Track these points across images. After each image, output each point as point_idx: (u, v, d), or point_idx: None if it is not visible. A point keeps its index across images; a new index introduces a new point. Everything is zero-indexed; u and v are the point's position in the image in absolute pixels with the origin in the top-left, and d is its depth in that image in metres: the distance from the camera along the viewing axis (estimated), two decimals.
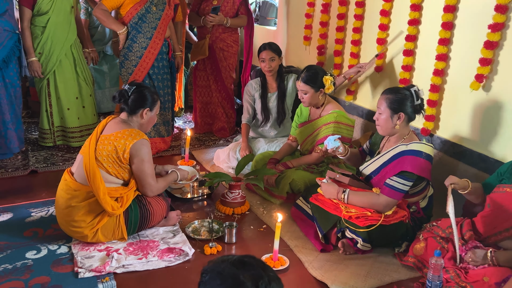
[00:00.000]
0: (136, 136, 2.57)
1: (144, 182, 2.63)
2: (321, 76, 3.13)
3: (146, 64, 3.83)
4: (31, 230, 2.77)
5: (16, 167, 3.68)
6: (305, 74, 3.12)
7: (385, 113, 2.57)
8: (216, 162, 3.85)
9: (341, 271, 2.42)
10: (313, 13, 4.33)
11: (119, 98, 2.65)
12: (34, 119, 4.85)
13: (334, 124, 3.13)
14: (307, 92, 3.13)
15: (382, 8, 3.46)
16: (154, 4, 3.79)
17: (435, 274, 2.13)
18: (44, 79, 3.86)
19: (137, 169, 2.60)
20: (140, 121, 2.69)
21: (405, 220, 2.53)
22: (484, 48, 2.72)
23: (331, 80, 3.11)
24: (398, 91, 2.59)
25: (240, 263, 1.19)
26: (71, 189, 2.57)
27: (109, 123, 2.66)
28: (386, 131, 2.62)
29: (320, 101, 3.21)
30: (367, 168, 2.73)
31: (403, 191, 2.49)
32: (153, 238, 2.69)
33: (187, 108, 5.35)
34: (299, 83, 3.14)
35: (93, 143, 2.57)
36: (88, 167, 2.51)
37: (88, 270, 2.37)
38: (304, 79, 3.12)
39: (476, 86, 2.80)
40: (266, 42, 3.80)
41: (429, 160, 2.53)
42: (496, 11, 2.65)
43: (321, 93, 3.15)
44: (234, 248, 2.67)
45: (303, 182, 3.09)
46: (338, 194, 2.59)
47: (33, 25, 3.75)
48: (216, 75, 4.42)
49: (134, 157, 2.57)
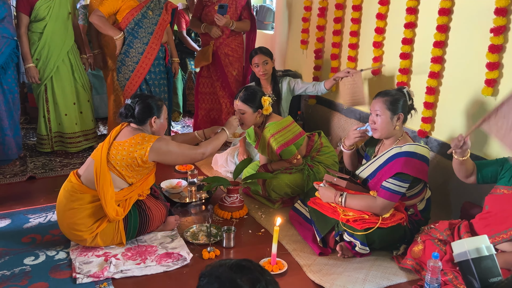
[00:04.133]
0: (151, 139, 2.59)
1: (189, 159, 2.73)
2: (259, 96, 3.12)
3: (143, 70, 3.84)
4: (29, 236, 2.77)
5: (14, 173, 3.68)
6: (243, 93, 3.11)
7: (385, 115, 2.56)
8: (214, 166, 3.86)
9: (339, 275, 2.42)
10: (310, 17, 4.35)
11: (126, 113, 2.66)
12: (32, 125, 4.86)
13: (273, 138, 3.14)
14: (245, 112, 3.11)
15: (378, 11, 3.48)
16: (151, 9, 3.80)
17: (433, 277, 2.13)
18: (42, 85, 3.87)
19: (171, 161, 2.69)
20: (151, 130, 2.70)
21: (403, 223, 2.53)
22: (489, 52, 2.70)
23: (269, 101, 3.11)
24: (394, 92, 2.60)
25: (237, 267, 1.19)
26: (76, 191, 2.57)
27: (123, 130, 2.68)
28: (385, 133, 2.61)
29: (259, 121, 3.21)
30: (363, 171, 2.74)
31: (399, 193, 2.50)
32: (151, 243, 2.69)
33: (185, 113, 5.35)
34: (237, 102, 3.12)
35: (106, 148, 2.59)
36: (99, 171, 2.52)
37: (86, 275, 2.37)
38: (242, 98, 3.10)
39: (488, 92, 2.72)
40: (256, 47, 3.81)
41: (425, 162, 2.53)
42: (497, 15, 2.64)
43: (259, 113, 3.14)
44: (232, 252, 2.67)
45: (285, 184, 3.12)
46: (335, 198, 2.60)
47: (30, 31, 3.76)
48: (223, 81, 4.35)
49: (160, 155, 2.59)
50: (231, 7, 4.20)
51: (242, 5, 4.25)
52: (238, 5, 4.24)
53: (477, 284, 1.43)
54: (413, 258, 2.44)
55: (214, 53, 4.29)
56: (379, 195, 2.52)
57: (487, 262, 1.45)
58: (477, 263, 1.45)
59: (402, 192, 2.51)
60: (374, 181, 2.64)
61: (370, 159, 2.75)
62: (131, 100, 2.68)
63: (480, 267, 1.44)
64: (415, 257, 2.43)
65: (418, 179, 2.55)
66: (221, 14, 4.07)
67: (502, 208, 2.28)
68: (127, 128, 2.68)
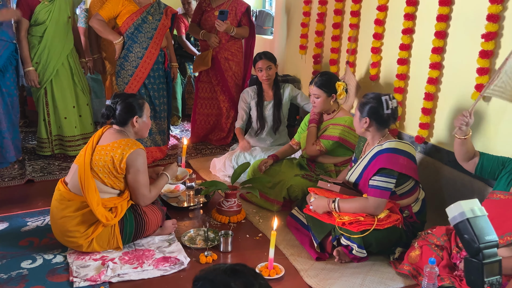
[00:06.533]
0: (133, 146, 2.58)
1: (138, 192, 2.64)
2: (334, 81, 3.18)
3: (142, 74, 3.85)
4: (26, 240, 2.77)
5: (12, 177, 3.68)
6: (319, 78, 3.19)
7: (356, 115, 2.71)
8: (212, 170, 3.86)
9: (336, 280, 2.43)
10: (308, 22, 4.37)
11: (107, 114, 2.65)
12: (31, 128, 4.86)
13: (344, 127, 3.18)
14: (319, 96, 3.19)
15: (376, 17, 3.50)
16: (151, 14, 3.81)
17: (430, 282, 2.13)
18: (41, 89, 3.88)
19: (132, 179, 2.61)
20: (133, 130, 2.70)
21: (398, 225, 2.55)
22: (479, 57, 2.73)
23: (343, 86, 3.17)
24: (371, 98, 2.68)
25: (231, 271, 1.20)
26: (65, 199, 2.57)
27: (105, 133, 2.67)
28: (357, 130, 2.76)
29: (332, 107, 3.26)
30: (352, 175, 2.79)
31: (388, 189, 2.53)
32: (148, 247, 2.69)
33: (184, 117, 5.36)
34: (312, 87, 3.20)
35: (89, 153, 2.57)
36: (83, 177, 2.51)
37: (83, 279, 2.36)
38: (317, 83, 3.18)
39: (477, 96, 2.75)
40: (260, 52, 3.83)
41: (408, 157, 2.58)
42: (488, 21, 2.68)
43: (333, 98, 3.20)
44: (229, 257, 2.67)
45: (300, 189, 3.10)
46: (329, 205, 2.62)
47: (30, 35, 3.78)
48: (223, 85, 4.37)
49: (130, 167, 2.58)
50: (231, 13, 4.21)
51: (242, 11, 4.26)
52: (238, 11, 4.25)
53: (475, 243, 1.50)
54: (410, 263, 2.44)
55: (214, 57, 4.30)
56: (369, 194, 2.56)
57: (481, 221, 1.54)
58: (473, 223, 1.53)
59: (390, 188, 2.54)
60: (362, 182, 2.68)
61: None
62: (112, 100, 2.67)
63: (477, 226, 1.53)
64: (412, 262, 2.44)
65: (405, 176, 2.58)
66: (222, 20, 4.08)
67: (498, 213, 2.28)
68: (109, 131, 2.67)
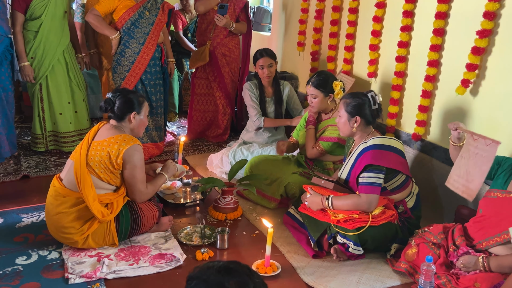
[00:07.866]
0: (130, 142, 2.56)
1: (134, 188, 2.62)
2: (331, 81, 3.16)
3: (139, 70, 3.82)
4: (21, 236, 2.75)
5: (7, 172, 3.66)
6: (316, 78, 3.17)
7: (344, 117, 2.70)
8: (209, 167, 3.85)
9: (333, 277, 2.42)
10: (306, 19, 4.35)
11: (106, 106, 2.64)
12: (27, 123, 4.83)
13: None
14: (317, 96, 3.17)
15: (375, 14, 3.48)
16: (148, 9, 3.78)
17: (426, 280, 2.13)
18: (37, 84, 3.84)
19: (128, 174, 2.59)
20: (130, 126, 2.68)
21: (393, 221, 2.55)
22: (471, 53, 2.75)
23: (340, 86, 3.15)
24: (356, 96, 2.68)
25: (225, 269, 1.18)
26: (60, 195, 2.55)
27: (101, 129, 2.65)
28: (345, 133, 2.75)
29: (329, 106, 3.23)
30: (342, 173, 2.79)
31: (377, 184, 2.53)
32: (144, 243, 2.68)
33: (181, 113, 5.34)
34: (309, 87, 3.18)
35: (85, 149, 2.56)
36: (79, 173, 2.49)
37: (79, 276, 2.35)
38: (314, 83, 3.16)
39: (462, 91, 2.84)
40: (261, 49, 3.80)
41: (394, 152, 2.59)
42: (484, 18, 2.67)
43: (330, 98, 3.18)
44: (226, 254, 2.66)
45: (298, 186, 3.08)
46: (323, 202, 2.62)
47: (26, 30, 3.74)
48: (220, 81, 4.35)
49: (127, 163, 2.56)
50: (229, 8, 4.20)
51: (240, 7, 4.25)
52: (236, 7, 4.24)
53: None
54: (407, 261, 2.44)
55: (211, 53, 4.28)
56: (360, 192, 2.56)
57: None
58: None
59: (380, 184, 2.54)
60: (352, 180, 2.69)
61: None
62: (112, 94, 2.66)
63: None
64: (409, 260, 2.44)
65: (394, 171, 2.59)
66: (221, 14, 4.07)
67: (495, 211, 2.28)
68: (106, 127, 2.65)
